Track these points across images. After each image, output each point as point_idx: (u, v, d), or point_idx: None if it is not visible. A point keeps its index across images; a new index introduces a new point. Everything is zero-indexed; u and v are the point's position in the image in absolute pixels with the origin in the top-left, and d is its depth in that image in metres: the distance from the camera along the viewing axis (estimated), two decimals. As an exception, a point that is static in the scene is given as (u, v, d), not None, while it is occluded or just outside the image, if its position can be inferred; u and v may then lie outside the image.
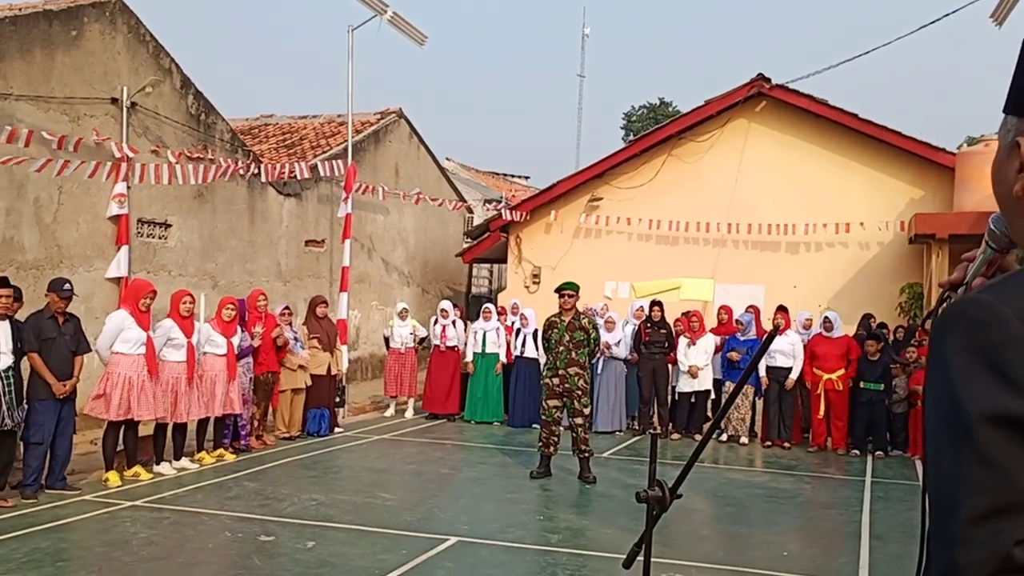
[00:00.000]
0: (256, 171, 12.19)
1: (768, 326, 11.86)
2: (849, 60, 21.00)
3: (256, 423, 10.24)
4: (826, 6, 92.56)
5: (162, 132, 11.99)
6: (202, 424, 9.34)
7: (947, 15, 12.78)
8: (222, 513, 7.31)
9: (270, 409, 10.65)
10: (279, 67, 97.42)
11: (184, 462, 8.97)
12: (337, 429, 11.43)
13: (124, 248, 11.11)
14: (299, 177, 13.20)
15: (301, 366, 10.77)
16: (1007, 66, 1.19)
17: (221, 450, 9.49)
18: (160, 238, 12.11)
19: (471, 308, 20.28)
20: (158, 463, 8.74)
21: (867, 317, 12.40)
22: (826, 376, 10.99)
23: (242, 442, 9.86)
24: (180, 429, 8.93)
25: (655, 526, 2.30)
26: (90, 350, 8.21)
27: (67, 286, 7.88)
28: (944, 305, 1.46)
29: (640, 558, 2.32)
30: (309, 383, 10.91)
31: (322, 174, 13.31)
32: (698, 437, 11.70)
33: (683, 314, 12.08)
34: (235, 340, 9.44)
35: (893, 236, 14.22)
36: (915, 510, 7.91)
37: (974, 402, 1.01)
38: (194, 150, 12.30)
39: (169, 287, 10.49)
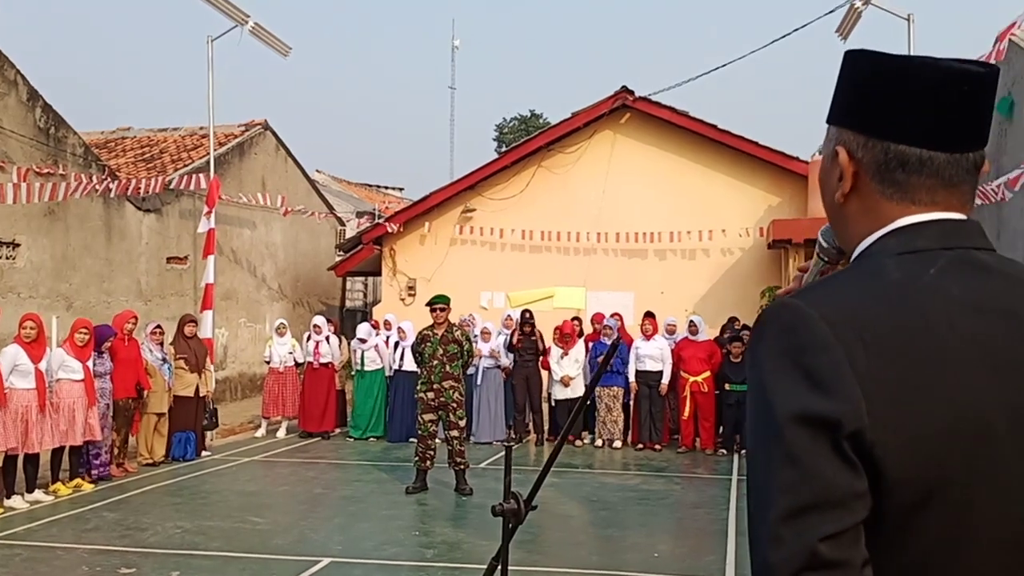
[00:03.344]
0: (110, 187, 11.65)
1: (634, 332, 12.15)
2: (708, 72, 21.90)
3: (116, 450, 9.78)
4: (689, 22, 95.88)
5: (7, 147, 11.32)
6: (57, 454, 8.85)
7: (796, 30, 13.50)
8: (79, 546, 6.93)
9: (130, 435, 10.18)
10: (137, 79, 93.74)
11: (38, 494, 8.49)
12: (205, 453, 11.03)
13: (-33, 270, 10.42)
14: (158, 192, 12.72)
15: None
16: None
17: (78, 480, 9.01)
18: (8, 258, 11.42)
19: (346, 322, 19.98)
20: (8, 497, 8.22)
21: (732, 320, 12.86)
22: (692, 378, 11.33)
23: (94, 471, 9.31)
24: (32, 460, 8.44)
25: (512, 538, 2.30)
26: None
27: None
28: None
29: (501, 571, 2.32)
30: (172, 405, 10.51)
31: (188, 188, 12.87)
32: (578, 443, 11.87)
33: (556, 328, 12.25)
34: (90, 364, 8.99)
35: (753, 242, 14.81)
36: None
37: (782, 403, 1.04)
38: (43, 165, 11.68)
39: (18, 310, 9.91)
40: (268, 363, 12.89)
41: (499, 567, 2.29)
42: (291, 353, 12.79)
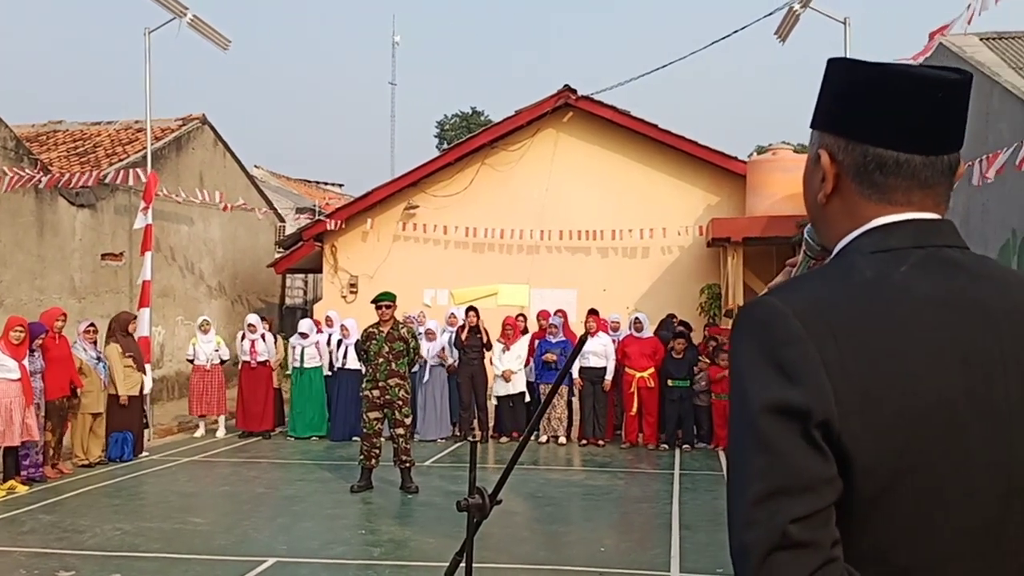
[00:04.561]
0: (41, 180, 11.33)
1: (578, 329, 12.26)
2: (649, 73, 22.23)
3: (51, 451, 9.53)
4: (630, 22, 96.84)
5: (-67, 138, 10.95)
6: (-11, 455, 8.60)
7: (736, 32, 13.71)
8: (15, 550, 6.74)
9: (65, 435, 9.93)
10: (70, 71, 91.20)
11: (-32, 498, 8.23)
12: (143, 453, 10.81)
13: None
14: (93, 186, 12.41)
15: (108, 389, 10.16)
16: (790, 79, 1.29)
17: (12, 482, 8.76)
18: (-66, 254, 11.06)
19: (285, 320, 19.75)
20: (-63, 501, 7.97)
21: (670, 317, 13.03)
22: (638, 374, 11.47)
23: (24, 473, 9.03)
24: (-38, 463, 8.19)
25: (476, 532, 2.31)
26: None
27: None
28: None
29: (465, 567, 2.33)
30: (125, 402, 10.32)
31: (124, 183, 12.57)
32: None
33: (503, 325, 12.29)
34: (26, 363, 8.75)
35: (693, 240, 15.03)
36: (720, 499, 8.38)
37: (756, 394, 1.10)
38: (-28, 158, 11.32)
39: (-55, 308, 9.59)
40: (191, 361, 12.63)
41: (462, 562, 2.31)
42: (217, 351, 12.56)
